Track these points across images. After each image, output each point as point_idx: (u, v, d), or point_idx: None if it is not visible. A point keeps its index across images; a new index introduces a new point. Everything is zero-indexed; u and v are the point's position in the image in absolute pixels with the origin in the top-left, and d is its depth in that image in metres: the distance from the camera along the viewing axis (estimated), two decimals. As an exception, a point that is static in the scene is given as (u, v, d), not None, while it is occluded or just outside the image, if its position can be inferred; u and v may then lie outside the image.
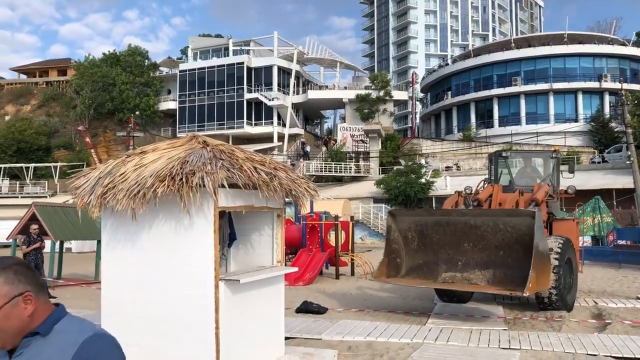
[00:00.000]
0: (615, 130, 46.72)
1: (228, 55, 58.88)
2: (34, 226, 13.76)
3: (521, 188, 11.66)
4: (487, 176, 13.35)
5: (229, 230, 7.05)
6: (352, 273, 17.80)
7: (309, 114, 64.34)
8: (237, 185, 5.86)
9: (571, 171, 12.93)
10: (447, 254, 10.11)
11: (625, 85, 46.43)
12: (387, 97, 55.73)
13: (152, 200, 5.56)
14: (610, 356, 7.05)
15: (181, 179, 5.49)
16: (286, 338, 7.24)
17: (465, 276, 9.70)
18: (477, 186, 12.42)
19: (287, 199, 6.95)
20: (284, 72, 57.38)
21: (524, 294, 8.34)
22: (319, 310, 10.66)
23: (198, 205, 5.53)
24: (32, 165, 52.83)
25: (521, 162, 13.42)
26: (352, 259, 18.22)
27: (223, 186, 5.66)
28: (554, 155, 12.85)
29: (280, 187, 6.20)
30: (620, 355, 7.06)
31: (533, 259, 8.47)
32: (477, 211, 10.68)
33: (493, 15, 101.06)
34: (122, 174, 5.83)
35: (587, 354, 7.16)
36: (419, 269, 10.35)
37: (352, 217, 20.27)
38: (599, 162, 41.36)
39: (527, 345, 7.67)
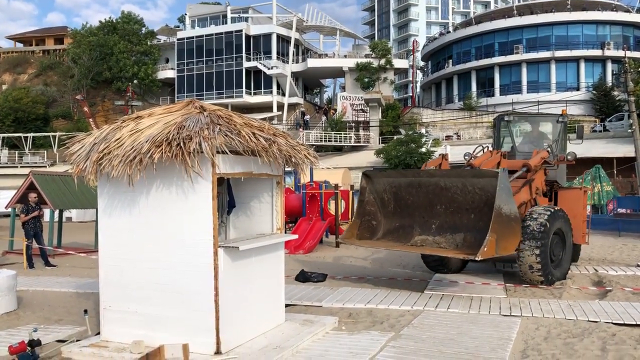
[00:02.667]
0: (617, 98, 46.35)
1: (226, 23, 58.02)
2: (32, 195, 13.67)
3: (505, 151, 11.37)
4: (482, 145, 13.01)
5: (227, 197, 6.95)
6: (352, 242, 17.77)
7: (309, 83, 63.73)
8: (236, 151, 5.75)
9: (579, 137, 12.39)
10: (421, 217, 9.76)
11: (629, 53, 45.85)
12: (388, 66, 55.11)
13: (149, 166, 5.44)
14: (612, 323, 7.03)
15: (178, 144, 5.37)
16: (286, 305, 7.22)
17: (436, 240, 9.35)
18: (474, 151, 12.01)
19: (287, 168, 6.85)
20: (283, 40, 56.63)
21: (476, 258, 8.02)
22: (318, 279, 10.64)
23: (196, 171, 5.42)
24: (31, 134, 52.59)
25: (527, 127, 12.95)
26: (352, 228, 18.19)
27: (221, 152, 5.54)
28: (560, 120, 12.27)
29: (279, 153, 6.09)
30: (622, 322, 7.04)
31: (492, 221, 8.13)
32: (445, 172, 10.30)
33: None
34: (118, 139, 5.72)
35: (589, 321, 7.14)
36: (395, 232, 10.03)
37: (352, 187, 20.20)
38: (600, 131, 41.11)
39: (528, 312, 7.65)
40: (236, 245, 5.74)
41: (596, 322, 7.09)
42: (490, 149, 12.23)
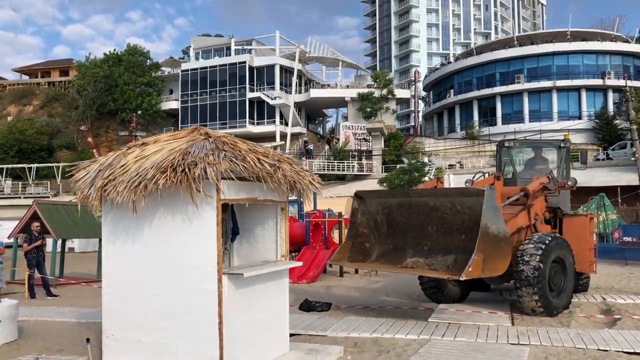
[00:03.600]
0: (620, 127, 46.50)
1: (230, 55, 58.75)
2: (36, 224, 13.65)
3: (498, 173, 11.06)
4: (482, 171, 12.85)
5: (231, 224, 6.92)
6: (356, 271, 17.62)
7: (311, 112, 64.17)
8: (240, 177, 5.74)
9: (583, 162, 12.27)
10: (414, 239, 9.44)
11: (629, 82, 46.21)
12: (390, 96, 55.54)
13: (154, 192, 5.43)
14: (622, 351, 6.90)
15: (183, 170, 5.37)
16: (291, 334, 7.11)
17: (427, 262, 9.04)
18: (473, 177, 11.90)
19: (290, 197, 6.82)
20: (286, 71, 57.23)
21: (461, 278, 7.80)
22: (322, 308, 10.51)
23: (200, 197, 5.40)
24: (35, 165, 52.78)
25: (529, 153, 12.82)
26: (356, 257, 18.05)
27: (226, 178, 5.54)
28: (562, 145, 12.00)
29: (284, 178, 6.07)
30: (632, 351, 6.91)
31: (479, 241, 7.90)
32: (433, 191, 10.13)
33: (495, 14, 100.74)
34: (123, 165, 5.72)
35: (599, 349, 7.00)
36: (389, 254, 9.72)
37: (355, 215, 20.09)
38: (603, 159, 41.13)
39: (537, 340, 7.52)
40: (240, 272, 5.69)
41: (606, 350, 6.95)
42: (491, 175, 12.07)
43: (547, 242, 9.46)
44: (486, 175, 12.01)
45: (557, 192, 11.26)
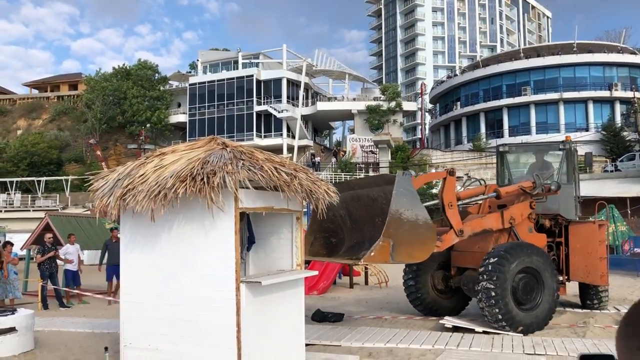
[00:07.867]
0: (627, 139, 46.36)
1: (237, 68, 59.11)
2: (48, 235, 13.74)
3: (452, 169, 10.28)
4: (476, 178, 12.44)
5: (247, 233, 6.96)
6: (366, 282, 17.62)
7: (318, 125, 64.37)
8: (256, 186, 5.79)
9: (588, 164, 11.85)
10: (369, 232, 9.00)
11: (637, 94, 46.12)
12: (397, 108, 55.70)
13: (173, 201, 5.48)
14: (640, 361, 6.85)
15: (202, 179, 5.42)
16: (305, 344, 7.11)
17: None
18: (463, 184, 11.68)
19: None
20: (293, 84, 57.53)
21: (359, 263, 7.51)
22: (335, 318, 10.50)
23: (219, 206, 5.45)
24: (44, 179, 53.07)
25: (530, 158, 12.38)
26: (366, 268, 18.04)
27: (243, 187, 5.59)
28: (561, 147, 11.23)
29: (300, 187, 6.12)
30: (650, 360, 6.85)
31: (386, 226, 7.69)
32: (365, 181, 9.90)
33: (501, 27, 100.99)
34: (142, 175, 5.78)
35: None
36: (352, 248, 9.31)
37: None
38: (611, 171, 40.94)
39: (553, 350, 7.50)
40: (258, 280, 5.72)
41: (624, 360, 6.90)
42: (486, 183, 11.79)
43: (506, 251, 8.89)
44: (481, 182, 11.77)
45: (545, 198, 10.57)
